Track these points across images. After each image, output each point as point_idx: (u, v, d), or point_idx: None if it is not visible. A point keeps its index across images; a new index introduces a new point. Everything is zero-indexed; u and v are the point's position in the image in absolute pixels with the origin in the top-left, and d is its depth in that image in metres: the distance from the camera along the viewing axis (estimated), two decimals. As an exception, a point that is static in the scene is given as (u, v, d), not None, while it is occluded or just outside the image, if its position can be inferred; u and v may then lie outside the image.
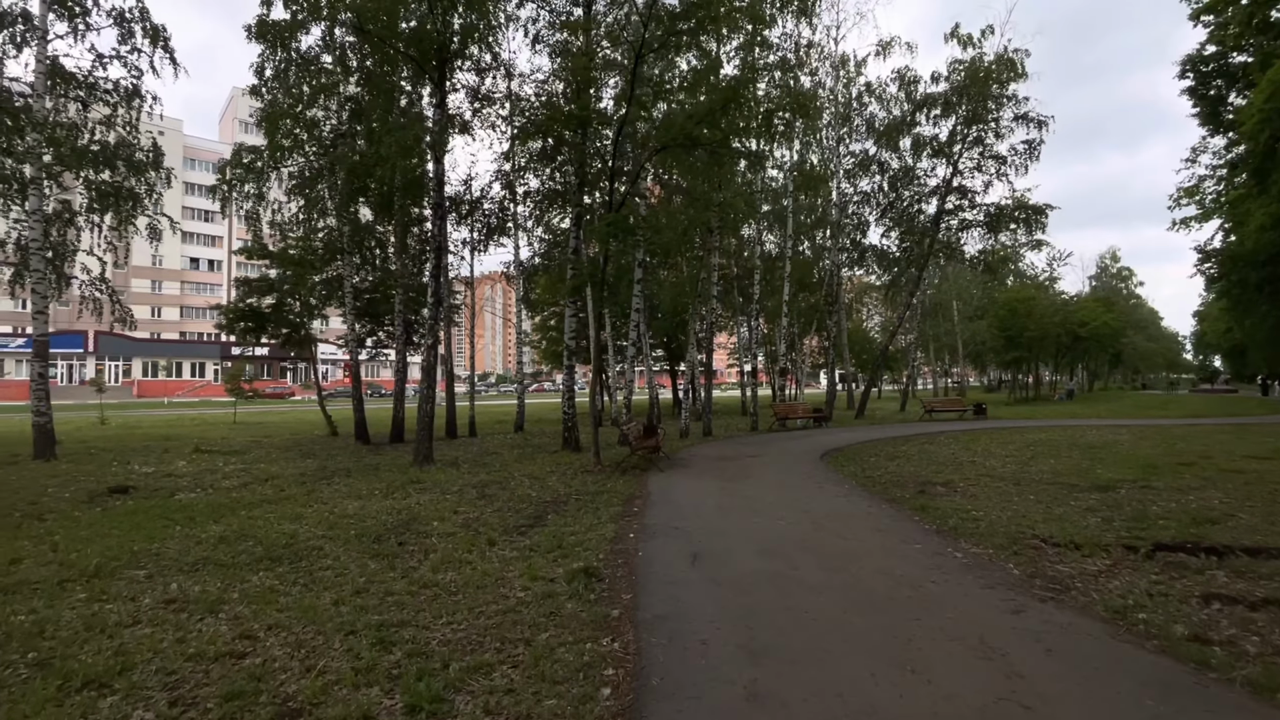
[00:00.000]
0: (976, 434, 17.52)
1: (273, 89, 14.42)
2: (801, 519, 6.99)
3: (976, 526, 6.65)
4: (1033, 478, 9.93)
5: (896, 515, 7.27)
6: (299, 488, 9.10)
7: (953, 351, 47.65)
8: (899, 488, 9.28)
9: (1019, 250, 44.05)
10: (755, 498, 8.35)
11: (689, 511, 7.45)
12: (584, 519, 7.08)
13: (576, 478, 10.22)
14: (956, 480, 9.84)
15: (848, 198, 23.92)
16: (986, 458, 12.50)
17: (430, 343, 11.21)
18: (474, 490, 8.99)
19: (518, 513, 7.53)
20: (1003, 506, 7.74)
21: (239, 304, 17.24)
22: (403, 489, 8.99)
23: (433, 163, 11.29)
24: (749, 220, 20.82)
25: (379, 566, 5.40)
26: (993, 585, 4.72)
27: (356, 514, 7.39)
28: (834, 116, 22.67)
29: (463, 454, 13.57)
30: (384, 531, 6.60)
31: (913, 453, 13.53)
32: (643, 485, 9.43)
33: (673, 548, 5.82)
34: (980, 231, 23.91)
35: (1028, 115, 21.48)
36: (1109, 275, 69.59)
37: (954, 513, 7.32)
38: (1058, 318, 35.37)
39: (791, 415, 20.24)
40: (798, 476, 10.21)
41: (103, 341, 62.68)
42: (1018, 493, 8.71)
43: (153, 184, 14.39)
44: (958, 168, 22.73)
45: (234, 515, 7.22)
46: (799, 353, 32.72)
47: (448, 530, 6.66)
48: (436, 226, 11.20)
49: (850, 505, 7.82)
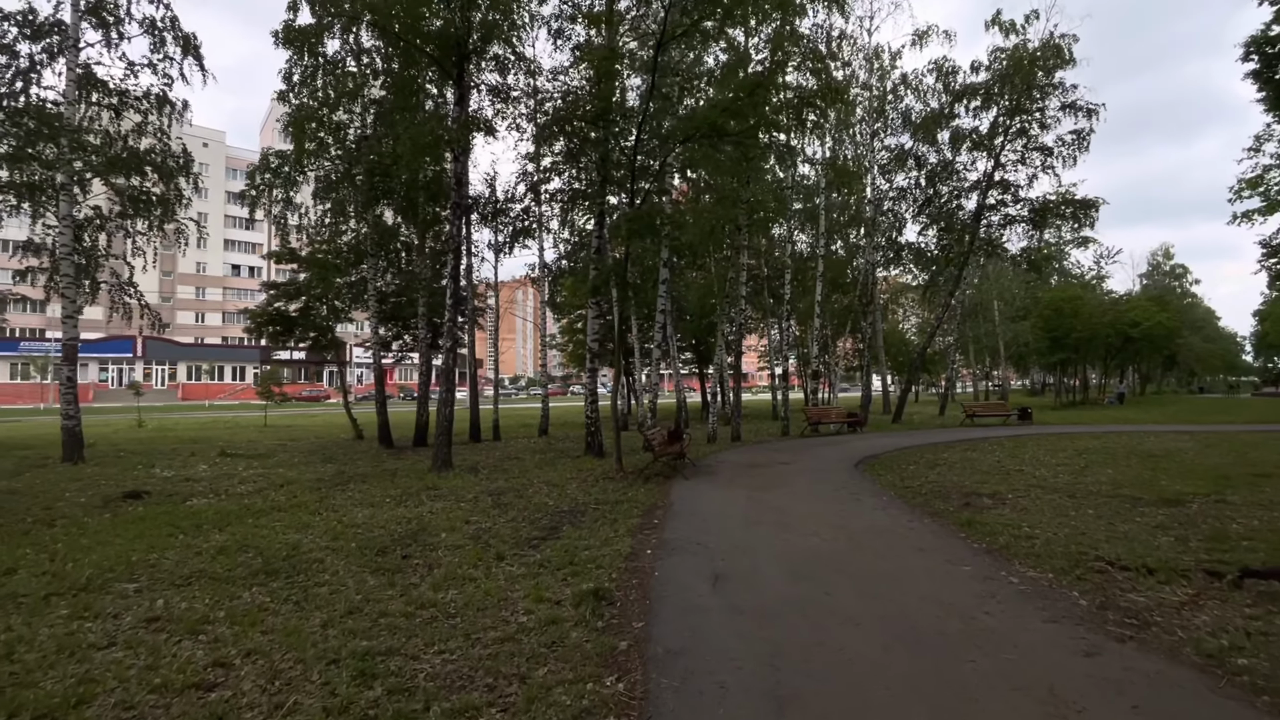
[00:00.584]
0: (1022, 440, 16.56)
1: (300, 94, 14.49)
2: (836, 535, 6.44)
3: (1031, 545, 6.01)
4: (1089, 489, 9.15)
5: (940, 531, 6.65)
6: (312, 494, 8.89)
7: (994, 354, 45.88)
8: (942, 499, 8.63)
9: (1063, 248, 42.27)
10: (785, 509, 7.81)
11: (713, 524, 6.96)
12: (600, 531, 6.65)
13: (597, 485, 9.81)
14: (1004, 491, 9.13)
15: (883, 194, 23.05)
16: (1035, 466, 11.68)
17: (448, 345, 10.95)
18: (489, 498, 8.65)
19: (532, 523, 7.15)
20: (1058, 522, 7.05)
21: (267, 308, 17.39)
22: (416, 496, 8.71)
23: (452, 162, 11.04)
24: (779, 219, 20.21)
25: (378, 583, 5.06)
26: (1057, 619, 4.12)
27: (365, 523, 7.10)
28: (868, 110, 21.87)
29: (484, 459, 13.29)
30: (390, 543, 6.28)
31: (955, 460, 12.76)
32: (665, 494, 8.96)
33: (693, 567, 5.34)
34: (1024, 228, 22.77)
35: (1076, 104, 20.35)
36: (1161, 273, 66.29)
37: (1004, 529, 6.68)
38: (1107, 318, 33.62)
39: (825, 420, 19.50)
40: (831, 486, 9.61)
41: (150, 346, 65.01)
42: (1074, 506, 7.98)
43: (182, 189, 14.52)
44: (1000, 161, 21.68)
45: (241, 523, 7.01)
46: (832, 355, 31.81)
47: (456, 542, 6.30)
48: (455, 227, 10.95)
49: (889, 519, 7.22)
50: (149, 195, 13.58)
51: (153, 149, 14.05)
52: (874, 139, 21.99)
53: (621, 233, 9.37)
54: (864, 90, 21.44)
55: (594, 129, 10.33)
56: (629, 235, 9.17)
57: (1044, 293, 38.77)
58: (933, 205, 22.62)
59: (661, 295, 14.76)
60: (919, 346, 29.37)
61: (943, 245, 22.90)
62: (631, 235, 9.28)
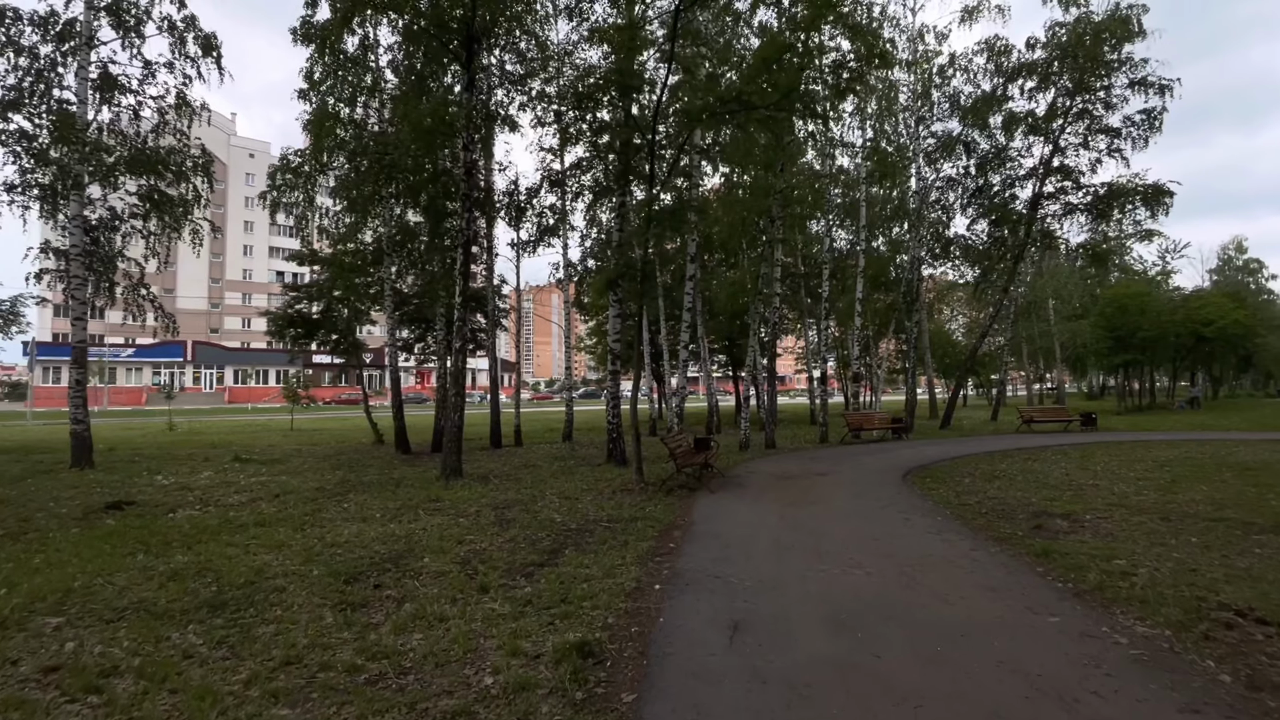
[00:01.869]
0: (1089, 449, 15.00)
1: (320, 92, 14.14)
2: (883, 566, 5.40)
3: (1130, 586, 4.88)
4: (1184, 510, 7.84)
5: (1011, 564, 5.54)
6: (305, 506, 8.27)
7: (1048, 355, 43.27)
8: (1006, 520, 7.46)
9: (1125, 242, 39.45)
10: (823, 532, 6.78)
11: (736, 551, 6.00)
12: (606, 557, 5.76)
13: (613, 498, 8.94)
14: (1080, 511, 7.89)
15: (928, 184, 21.57)
16: (1112, 480, 10.31)
17: (456, 346, 10.26)
18: (492, 512, 7.87)
19: (532, 545, 6.32)
20: (1157, 553, 5.86)
21: (287, 310, 17.13)
22: (414, 510, 7.99)
23: (462, 151, 10.37)
24: (816, 213, 19.04)
25: (335, 621, 4.29)
26: (1197, 707, 3.04)
27: (347, 542, 6.39)
28: (912, 95, 20.49)
29: (499, 466, 12.58)
30: (367, 568, 5.53)
31: (1015, 472, 11.45)
32: (687, 511, 8.03)
33: (707, 610, 4.40)
34: (1084, 219, 20.95)
35: (1146, 80, 18.54)
36: (1233, 268, 61.74)
37: (1091, 561, 5.53)
38: (1178, 315, 31.07)
39: (867, 426, 18.20)
40: (876, 502, 8.51)
41: (200, 351, 67.28)
42: (1171, 532, 6.73)
43: (200, 190, 14.30)
44: (1059, 145, 19.98)
45: (214, 541, 6.37)
46: (874, 357, 30.26)
47: (441, 568, 5.51)
48: (465, 220, 10.27)
49: (947, 546, 6.13)
50: (166, 196, 13.33)
51: (172, 149, 13.86)
52: (919, 125, 20.57)
53: (640, 222, 8.49)
54: (908, 71, 20.09)
55: (613, 108, 9.52)
56: (646, 223, 8.29)
57: (1104, 289, 36.23)
58: (983, 195, 21.03)
59: (689, 292, 13.82)
60: (969, 347, 27.61)
61: (995, 238, 21.25)
62: (650, 224, 8.38)
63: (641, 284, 9.30)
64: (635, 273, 9.35)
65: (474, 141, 10.31)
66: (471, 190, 10.24)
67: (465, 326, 10.36)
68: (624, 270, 9.73)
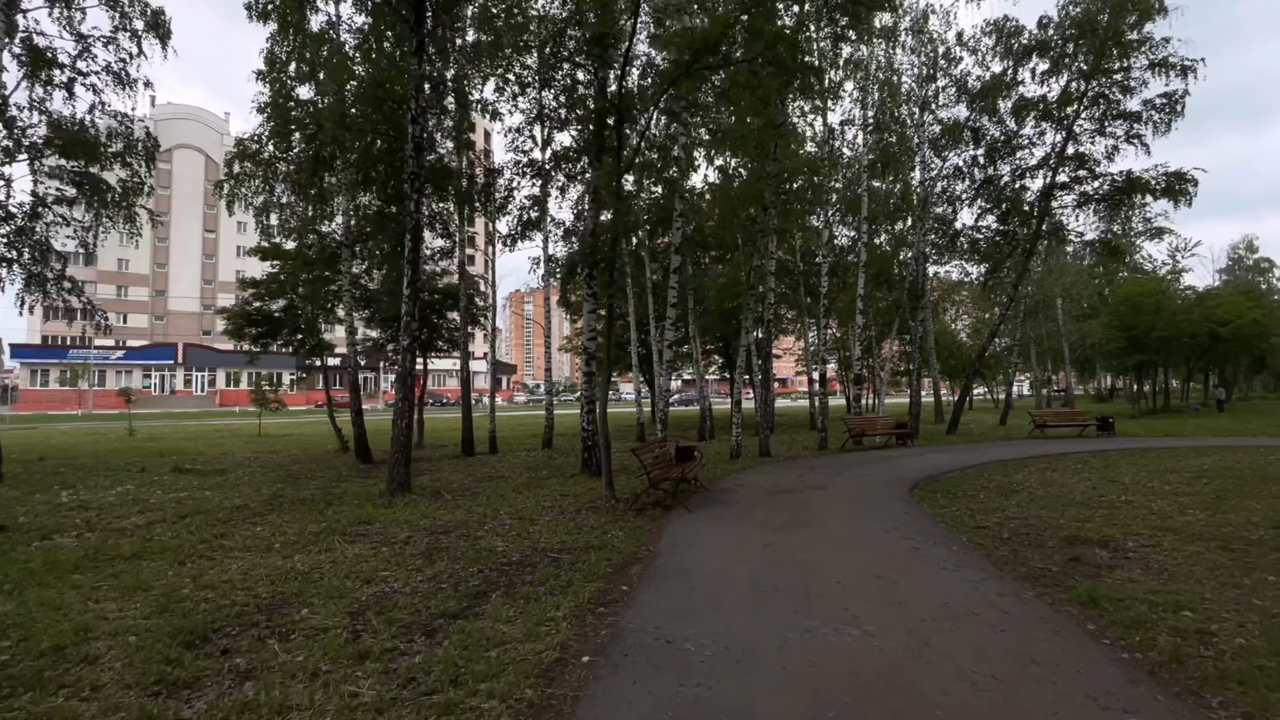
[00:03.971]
0: (1112, 457, 13.75)
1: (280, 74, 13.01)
2: (889, 623, 4.18)
3: (1217, 656, 3.67)
4: (1244, 536, 6.60)
5: (1053, 618, 4.32)
6: (210, 530, 7.07)
7: (1056, 356, 41.92)
8: (1035, 548, 6.24)
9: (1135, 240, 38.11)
10: (815, 567, 5.56)
11: (703, 597, 4.78)
12: (538, 607, 4.56)
13: (575, 519, 7.74)
14: (1120, 537, 6.67)
15: (934, 173, 20.33)
16: (1146, 495, 9.08)
17: (405, 343, 9.07)
18: (426, 539, 6.67)
19: (455, 586, 5.13)
20: (1234, 600, 4.65)
21: (245, 307, 15.94)
22: (334, 536, 6.79)
23: (410, 124, 9.19)
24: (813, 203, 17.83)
25: (132, 716, 3.10)
26: None
27: (227, 582, 5.19)
28: (916, 79, 19.29)
29: (461, 478, 11.38)
30: (229, 621, 4.35)
31: (1034, 484, 10.22)
32: (655, 537, 6.82)
33: (644, 702, 3.18)
34: (1100, 210, 19.68)
35: (1167, 61, 17.30)
36: (1244, 268, 60.31)
37: (1153, 613, 4.33)
38: (1194, 314, 29.75)
39: (869, 431, 16.95)
40: (880, 525, 7.29)
41: (191, 354, 66.27)
42: (1239, 567, 5.51)
43: (143, 177, 13.17)
44: (1073, 132, 18.73)
45: (60, 581, 5.18)
46: (877, 358, 29.01)
47: (323, 621, 4.32)
48: (413, 202, 9.08)
49: (968, 589, 4.91)
50: (101, 182, 12.20)
51: (112, 132, 12.74)
52: (923, 111, 19.35)
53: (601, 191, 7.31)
54: (913, 54, 18.91)
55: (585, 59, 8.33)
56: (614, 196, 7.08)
57: (1115, 288, 34.92)
58: (992, 185, 19.77)
59: (673, 286, 12.60)
60: (976, 348, 26.38)
61: (1005, 231, 19.99)
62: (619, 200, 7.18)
63: (610, 272, 8.09)
64: (601, 258, 8.15)
65: (423, 114, 9.13)
66: (420, 169, 9.05)
67: (414, 323, 9.17)
68: (588, 256, 8.52)
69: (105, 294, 69.91)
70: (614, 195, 7.14)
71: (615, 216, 7.61)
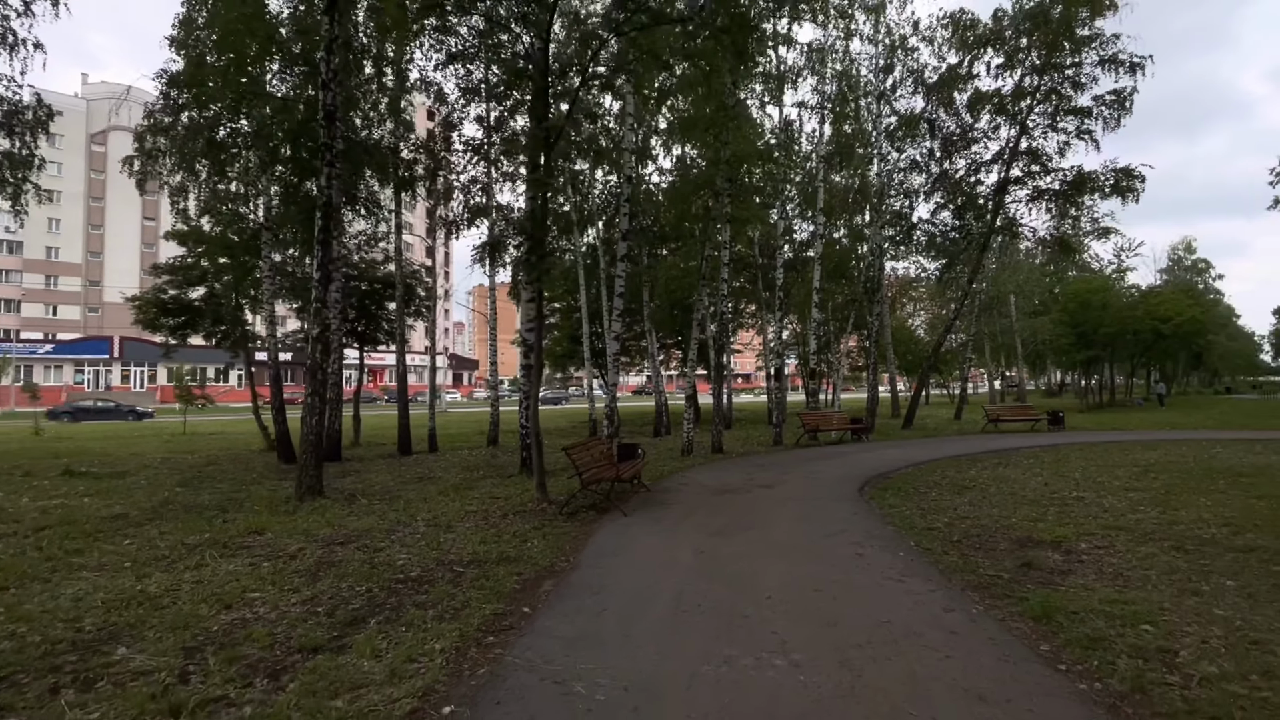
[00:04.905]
0: (1063, 452, 13.70)
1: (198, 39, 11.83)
2: (819, 648, 3.63)
3: (1183, 682, 3.22)
4: (1197, 535, 6.33)
5: (1003, 638, 3.83)
6: (68, 544, 6.14)
7: (1009, 352, 42.81)
8: (986, 552, 5.83)
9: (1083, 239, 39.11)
10: (748, 579, 5.00)
11: (614, 619, 4.16)
12: (415, 638, 3.87)
13: (498, 525, 7.05)
14: (1072, 537, 6.33)
15: (892, 165, 20.13)
16: (1098, 491, 8.86)
17: (315, 332, 8.21)
18: (319, 552, 5.89)
19: (333, 609, 4.40)
20: (1193, 609, 4.27)
21: (159, 294, 14.60)
22: (210, 549, 5.94)
23: (320, 90, 8.31)
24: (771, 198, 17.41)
25: None
26: None
27: (49, 612, 4.35)
28: (874, 69, 19.03)
29: (388, 479, 10.55)
30: (21, 666, 3.54)
31: (987, 481, 9.94)
32: (580, 545, 6.18)
33: (506, 769, 2.54)
34: (1052, 205, 19.76)
35: (1117, 57, 17.40)
36: (1183, 268, 62.90)
37: (1111, 628, 3.91)
38: (1138, 311, 30.58)
39: (824, 426, 16.64)
40: (823, 528, 6.79)
41: (128, 347, 62.63)
42: (1195, 570, 5.18)
43: (33, 150, 11.89)
44: (1026, 126, 18.75)
45: None
46: (835, 353, 28.92)
47: (142, 665, 3.55)
48: (325, 176, 8.20)
49: (912, 604, 4.40)
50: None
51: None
52: (881, 102, 19.10)
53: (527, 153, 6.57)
54: (869, 46, 18.66)
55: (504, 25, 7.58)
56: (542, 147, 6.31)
57: (1065, 286, 35.71)
58: (948, 179, 19.69)
59: (620, 274, 11.94)
60: (932, 343, 26.49)
61: (961, 226, 19.93)
62: (548, 159, 6.43)
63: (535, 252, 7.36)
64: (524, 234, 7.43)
65: (335, 79, 8.24)
66: (332, 140, 8.17)
67: (327, 310, 8.30)
68: (523, 233, 7.74)
69: (33, 284, 65.79)
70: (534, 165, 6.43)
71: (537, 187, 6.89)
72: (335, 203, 8.52)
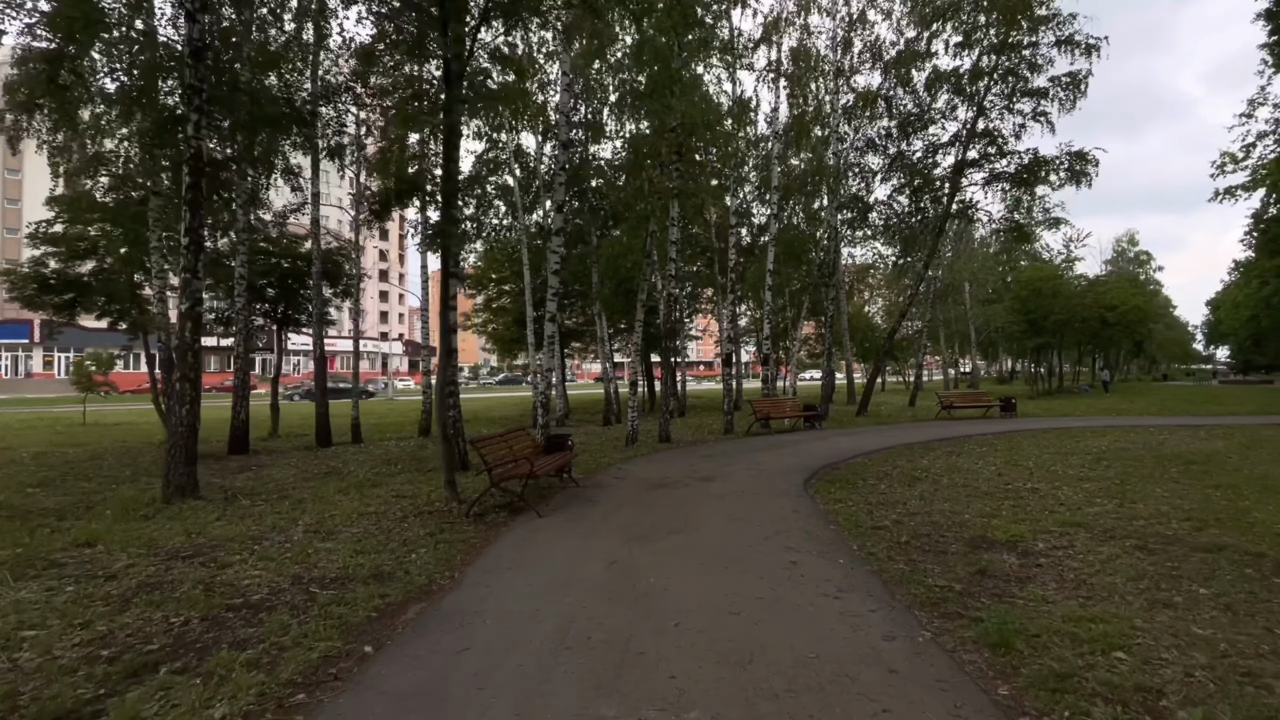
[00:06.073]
0: (1016, 439, 13.39)
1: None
2: (728, 703, 2.83)
3: None
4: (1160, 531, 5.82)
5: (955, 680, 3.10)
6: None
7: (964, 339, 43.40)
8: (936, 557, 5.17)
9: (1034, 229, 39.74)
10: (656, 600, 4.18)
11: (473, 665, 3.28)
12: (200, 697, 2.92)
13: (394, 529, 6.11)
14: (1028, 535, 5.74)
15: (848, 144, 19.55)
16: (1052, 482, 8.39)
17: (184, 307, 7.04)
18: (150, 570, 4.85)
19: (118, 656, 3.41)
20: (1168, 626, 3.67)
21: (39, 269, 12.91)
22: (7, 569, 4.83)
23: (185, 20, 7.07)
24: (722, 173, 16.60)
25: None
26: None
27: None
28: (831, 43, 18.35)
29: (289, 475, 9.43)
30: None
31: (939, 471, 9.42)
32: (475, 555, 5.29)
33: None
34: (1007, 188, 19.52)
35: (1073, 39, 17.10)
36: (1126, 260, 65.17)
37: (1079, 658, 3.25)
38: (1086, 299, 31.06)
39: (776, 414, 16.03)
40: (760, 530, 6.04)
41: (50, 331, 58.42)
42: (1163, 574, 4.62)
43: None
44: (983, 107, 18.38)
45: None
46: (791, 339, 28.52)
47: None
48: (192, 125, 6.98)
49: (850, 631, 3.65)
50: None
51: None
52: (838, 78, 18.44)
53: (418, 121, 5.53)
54: (827, 18, 17.95)
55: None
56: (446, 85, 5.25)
57: (1017, 274, 36.15)
58: (905, 160, 19.23)
59: (556, 250, 10.96)
60: (889, 329, 26.28)
61: (917, 208, 19.54)
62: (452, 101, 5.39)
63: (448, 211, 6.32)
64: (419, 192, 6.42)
65: (204, 7, 7.00)
66: (200, 81, 6.95)
67: (197, 281, 7.12)
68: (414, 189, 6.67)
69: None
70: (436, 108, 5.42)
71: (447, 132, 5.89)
72: (206, 156, 7.29)
